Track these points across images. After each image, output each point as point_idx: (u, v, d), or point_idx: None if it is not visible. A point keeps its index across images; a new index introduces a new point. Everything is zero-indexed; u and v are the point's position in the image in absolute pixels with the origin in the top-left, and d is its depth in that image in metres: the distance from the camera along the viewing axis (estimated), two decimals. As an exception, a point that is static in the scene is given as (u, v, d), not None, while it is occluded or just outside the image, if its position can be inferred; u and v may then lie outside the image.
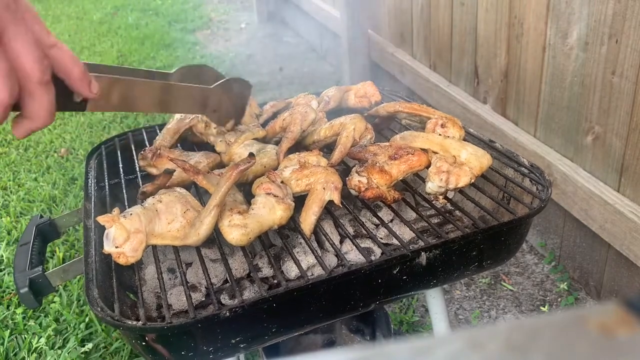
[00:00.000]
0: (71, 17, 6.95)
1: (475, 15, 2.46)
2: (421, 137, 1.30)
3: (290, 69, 4.86)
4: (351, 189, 1.21)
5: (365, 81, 1.66)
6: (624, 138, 1.79)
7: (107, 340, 2.08)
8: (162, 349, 0.98)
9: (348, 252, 1.20)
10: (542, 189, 1.24)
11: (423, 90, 3.00)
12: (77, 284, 2.35)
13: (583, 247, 2.15)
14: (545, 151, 2.14)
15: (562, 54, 1.98)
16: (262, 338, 1.06)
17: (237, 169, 1.08)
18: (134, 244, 1.03)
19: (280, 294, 0.97)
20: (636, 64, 1.68)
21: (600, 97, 1.85)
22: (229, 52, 5.43)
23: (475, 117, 2.50)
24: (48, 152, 3.60)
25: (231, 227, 1.06)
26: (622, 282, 1.98)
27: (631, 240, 1.78)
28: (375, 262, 1.04)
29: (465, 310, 2.16)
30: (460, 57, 2.67)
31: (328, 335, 1.61)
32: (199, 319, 0.93)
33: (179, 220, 1.10)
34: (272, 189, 1.15)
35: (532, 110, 2.22)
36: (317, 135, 1.44)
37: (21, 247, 1.19)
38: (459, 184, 1.19)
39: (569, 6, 1.90)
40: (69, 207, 2.94)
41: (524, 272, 2.33)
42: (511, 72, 2.29)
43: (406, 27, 3.21)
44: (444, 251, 1.10)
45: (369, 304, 1.12)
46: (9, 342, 2.09)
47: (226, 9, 7.03)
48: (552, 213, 2.26)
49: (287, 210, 1.13)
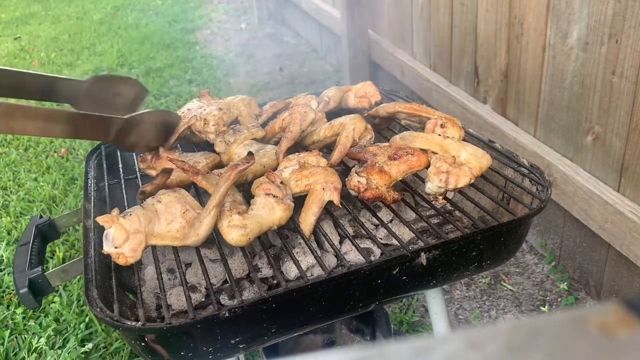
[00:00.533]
0: (71, 17, 6.95)
1: (475, 15, 2.46)
2: (421, 138, 1.30)
3: (290, 69, 4.86)
4: (351, 190, 1.21)
5: (365, 81, 1.65)
6: (624, 138, 1.79)
7: (107, 340, 2.08)
8: (161, 349, 0.98)
9: (347, 253, 1.20)
10: (542, 189, 1.23)
11: (423, 91, 3.00)
12: (77, 284, 2.35)
13: (583, 247, 2.14)
14: (545, 151, 2.14)
15: (562, 54, 1.98)
16: (261, 338, 1.06)
17: (236, 169, 1.08)
18: (133, 245, 1.03)
19: (280, 295, 0.97)
20: (636, 64, 1.68)
21: (600, 97, 1.85)
22: (229, 52, 5.43)
23: (475, 117, 2.50)
24: (48, 152, 3.60)
25: (230, 227, 1.06)
26: (622, 282, 1.98)
27: (631, 240, 1.78)
28: (374, 263, 1.04)
29: (465, 310, 2.16)
30: (460, 57, 2.67)
31: (328, 335, 1.61)
32: (199, 319, 0.93)
33: (178, 221, 1.10)
34: (271, 190, 1.15)
35: (532, 110, 2.21)
36: (316, 135, 1.44)
37: (21, 247, 1.19)
38: (458, 185, 1.19)
39: (569, 6, 1.90)
40: (69, 207, 2.94)
41: (524, 272, 2.33)
42: (511, 72, 2.29)
43: (406, 27, 3.21)
44: (443, 251, 1.10)
45: (369, 305, 1.12)
46: (9, 342, 2.09)
47: (226, 9, 7.03)
48: (552, 213, 2.26)
49: (286, 210, 1.13)
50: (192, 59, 5.20)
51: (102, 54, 5.43)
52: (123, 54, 5.37)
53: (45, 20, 6.88)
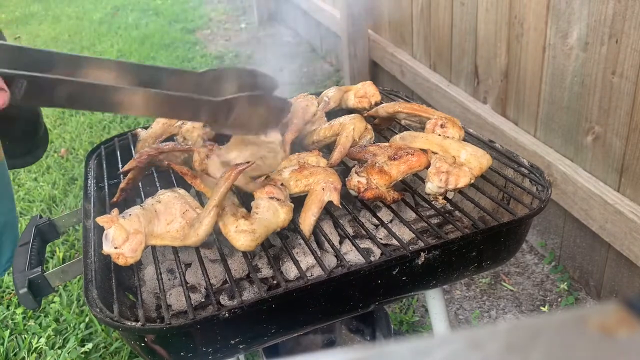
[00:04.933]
0: (71, 17, 6.95)
1: (475, 15, 2.46)
2: (421, 138, 1.30)
3: (290, 69, 4.86)
4: (351, 190, 1.21)
5: (365, 81, 1.65)
6: (624, 138, 1.79)
7: (107, 341, 2.08)
8: (161, 349, 0.98)
9: (347, 253, 1.20)
10: (542, 190, 1.23)
11: (423, 90, 3.00)
12: (77, 284, 2.35)
13: (583, 247, 2.14)
14: (545, 151, 2.14)
15: (562, 54, 1.98)
16: (261, 339, 1.06)
17: (236, 169, 1.08)
18: (133, 245, 1.03)
19: (280, 295, 0.97)
20: (636, 64, 1.68)
21: (600, 97, 1.85)
22: (229, 52, 5.42)
23: (475, 117, 2.50)
24: (48, 152, 3.60)
25: (239, 232, 1.05)
26: (622, 282, 1.98)
27: (631, 240, 1.78)
28: (374, 263, 1.04)
29: (465, 310, 2.16)
30: (460, 57, 2.67)
31: (328, 336, 1.61)
32: (198, 319, 0.93)
33: (178, 221, 1.10)
34: (274, 193, 1.15)
35: (532, 110, 2.21)
36: (316, 135, 1.44)
37: (20, 247, 1.18)
38: (458, 185, 1.19)
39: (569, 6, 1.89)
40: (69, 207, 2.94)
41: (524, 272, 2.33)
42: (511, 72, 2.29)
43: (406, 27, 3.21)
44: (443, 252, 1.10)
45: (369, 305, 1.12)
46: (9, 342, 2.09)
47: (226, 9, 7.03)
48: (552, 213, 2.26)
49: (289, 212, 1.13)
50: (192, 59, 5.20)
51: (102, 53, 5.43)
52: (123, 54, 5.37)
53: (45, 20, 6.88)
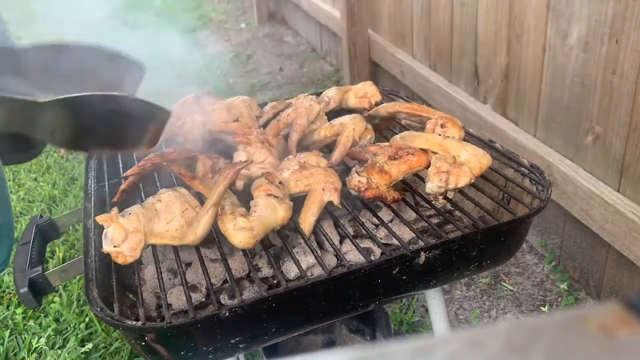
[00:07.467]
0: (71, 17, 6.94)
1: (475, 15, 2.46)
2: (421, 138, 1.30)
3: (290, 69, 4.86)
4: (351, 189, 1.21)
5: (365, 81, 1.65)
6: (624, 138, 1.79)
7: (107, 340, 2.08)
8: (161, 349, 0.98)
9: (348, 252, 1.20)
10: (542, 189, 1.23)
11: (423, 90, 3.00)
12: (77, 284, 2.35)
13: (583, 247, 2.14)
14: (545, 151, 2.14)
15: (562, 54, 1.98)
16: (261, 338, 1.06)
17: (235, 168, 1.09)
18: (132, 244, 1.03)
19: (280, 294, 0.97)
20: (636, 64, 1.68)
21: (600, 97, 1.85)
22: (229, 52, 5.42)
23: (475, 117, 2.50)
24: (48, 152, 3.60)
25: (237, 230, 1.06)
26: (622, 282, 1.98)
27: (631, 240, 1.78)
28: (374, 262, 1.04)
29: (465, 310, 2.16)
30: (460, 57, 2.67)
31: (328, 335, 1.61)
32: (199, 319, 0.93)
33: (177, 220, 1.10)
34: (272, 190, 1.15)
35: (532, 111, 2.21)
36: (316, 135, 1.44)
37: (21, 246, 1.18)
38: (458, 184, 1.19)
39: (569, 6, 1.89)
40: (69, 207, 2.94)
41: (524, 272, 2.33)
42: (511, 72, 2.29)
43: (406, 27, 3.21)
44: (443, 251, 1.10)
45: (369, 304, 1.12)
46: (9, 342, 2.09)
47: (226, 9, 7.03)
48: (552, 213, 2.26)
49: (288, 210, 1.13)
50: (192, 59, 5.20)
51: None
52: (123, 54, 5.36)
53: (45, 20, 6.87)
